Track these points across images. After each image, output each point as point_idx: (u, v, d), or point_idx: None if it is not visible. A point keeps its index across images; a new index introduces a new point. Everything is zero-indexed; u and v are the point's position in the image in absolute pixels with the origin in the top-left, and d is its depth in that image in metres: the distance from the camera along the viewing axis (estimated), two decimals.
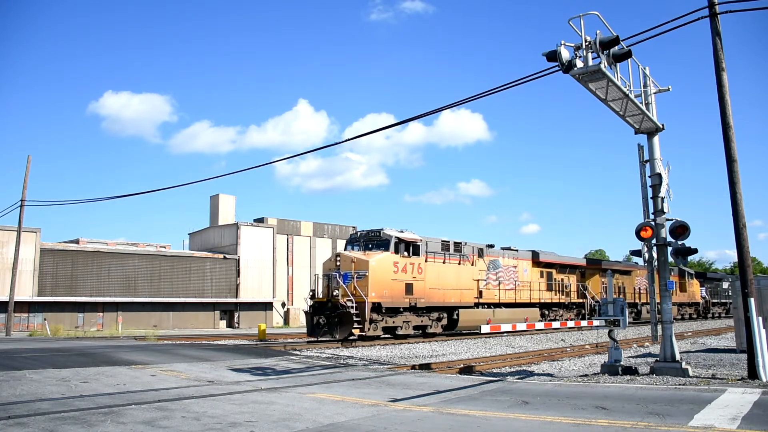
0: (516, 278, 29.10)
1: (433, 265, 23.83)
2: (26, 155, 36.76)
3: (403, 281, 22.19)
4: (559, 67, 9.30)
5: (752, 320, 10.54)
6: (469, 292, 25.61)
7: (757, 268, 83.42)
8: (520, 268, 29.59)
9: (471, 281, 25.86)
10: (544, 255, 31.41)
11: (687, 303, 44.91)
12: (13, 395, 8.21)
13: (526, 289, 29.51)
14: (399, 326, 22.27)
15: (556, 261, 32.29)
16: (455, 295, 24.76)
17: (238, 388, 9.45)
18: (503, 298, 27.71)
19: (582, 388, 9.75)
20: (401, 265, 22.23)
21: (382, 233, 22.26)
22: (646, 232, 11.62)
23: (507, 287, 28.22)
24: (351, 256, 21.52)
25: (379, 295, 21.09)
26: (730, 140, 11.00)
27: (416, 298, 22.61)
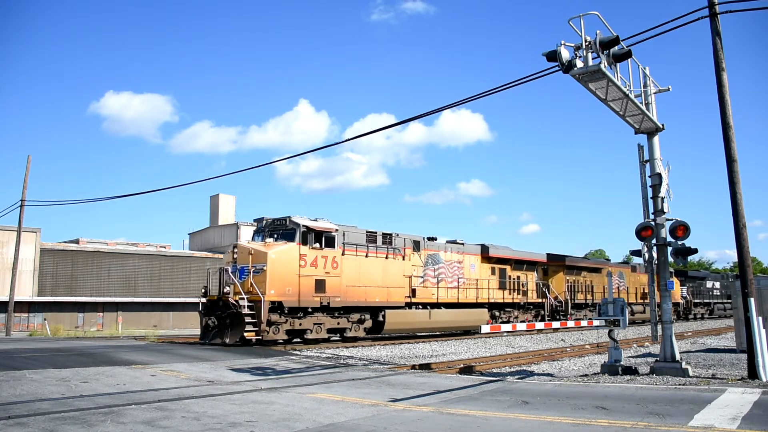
0: (461, 275, 25.93)
1: (353, 259, 20.83)
2: (26, 155, 36.77)
3: (313, 277, 19.32)
4: (559, 67, 9.30)
5: (752, 320, 10.54)
6: (398, 290, 22.41)
7: (757, 268, 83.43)
8: (466, 264, 26.43)
9: (401, 278, 22.62)
10: (496, 249, 28.43)
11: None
12: (13, 395, 8.21)
13: (472, 287, 26.40)
14: (309, 329, 19.60)
15: (510, 256, 29.13)
16: (381, 294, 21.64)
17: (238, 388, 9.45)
18: (444, 297, 24.66)
19: (582, 388, 9.75)
20: (310, 258, 19.34)
21: (288, 221, 19.47)
22: (646, 232, 11.63)
23: (449, 285, 25.09)
24: (249, 248, 18.90)
25: (279, 292, 18.43)
26: (730, 140, 11.00)
27: (329, 296, 19.81)
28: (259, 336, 17.87)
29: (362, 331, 21.33)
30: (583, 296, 34.24)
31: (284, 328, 18.71)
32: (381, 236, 22.18)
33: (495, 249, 28.27)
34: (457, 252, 26.18)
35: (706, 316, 47.28)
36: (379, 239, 22.04)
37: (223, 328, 18.04)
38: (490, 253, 27.81)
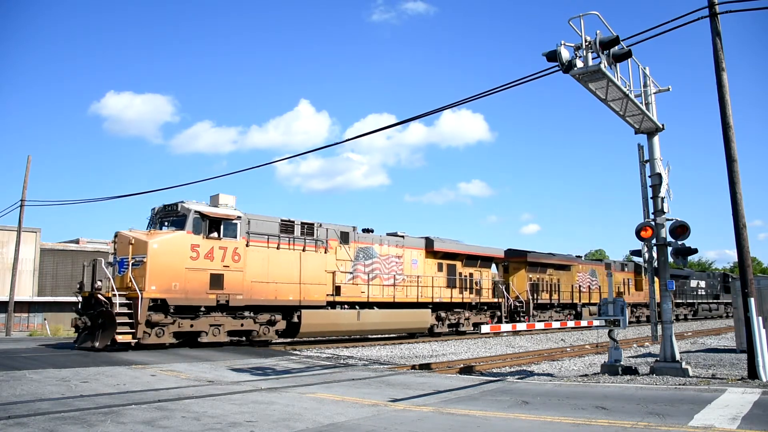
0: (400, 271, 22.83)
1: (260, 251, 18.11)
2: (26, 155, 36.78)
3: (207, 271, 16.66)
4: (559, 67, 9.30)
5: (752, 320, 10.54)
6: (318, 287, 19.51)
7: (757, 268, 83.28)
8: (406, 259, 23.32)
9: (323, 274, 19.70)
10: (442, 243, 25.19)
11: (643, 303, 38.93)
12: (13, 395, 8.21)
13: (413, 284, 23.26)
14: (203, 331, 16.78)
15: (460, 251, 26.00)
16: (296, 291, 18.86)
17: (238, 388, 9.46)
18: (378, 296, 21.64)
19: (582, 388, 9.75)
20: (205, 249, 16.67)
21: (180, 206, 16.84)
22: (646, 232, 11.63)
23: (386, 282, 22.06)
24: (129, 237, 16.17)
25: (163, 288, 15.77)
26: (730, 140, 11.00)
27: (229, 293, 17.16)
28: (137, 339, 15.37)
29: (273, 334, 18.72)
30: (548, 296, 31.40)
31: (171, 330, 16.13)
32: (300, 226, 19.45)
33: (441, 243, 25.17)
34: (395, 245, 23.05)
35: (690, 317, 44.25)
36: (296, 229, 19.30)
37: (95, 330, 15.50)
38: (435, 247, 24.57)
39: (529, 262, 30.61)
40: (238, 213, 17.73)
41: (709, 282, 49.83)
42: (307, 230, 19.64)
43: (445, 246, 25.29)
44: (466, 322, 25.83)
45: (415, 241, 24.25)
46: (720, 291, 49.76)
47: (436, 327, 24.31)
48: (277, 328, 18.75)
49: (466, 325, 25.78)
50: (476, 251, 26.96)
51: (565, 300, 32.49)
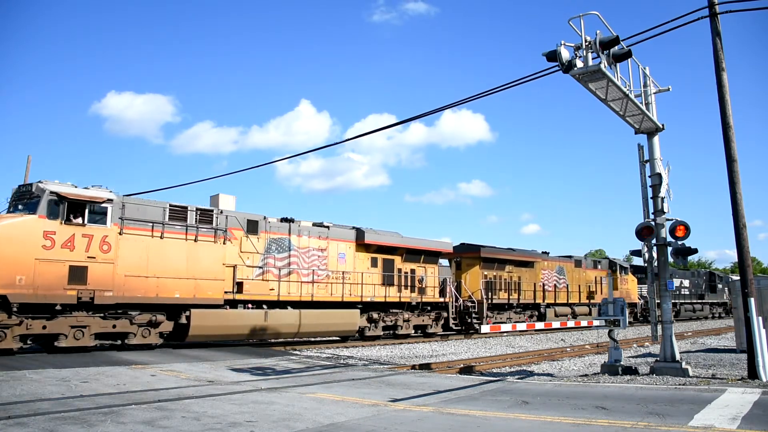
0: (324, 266, 20.02)
1: (137, 240, 15.41)
2: (27, 155, 36.69)
3: (66, 262, 14.08)
4: (559, 67, 9.31)
5: (752, 320, 10.54)
6: (214, 283, 16.73)
7: (757, 268, 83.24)
8: (332, 253, 20.51)
9: (220, 268, 16.93)
10: (376, 235, 22.00)
11: None
12: (13, 395, 8.21)
13: (339, 281, 20.36)
14: (63, 333, 14.18)
15: (398, 244, 22.76)
16: (185, 288, 16.05)
17: (238, 388, 9.46)
18: (295, 293, 18.95)
19: (582, 388, 9.75)
20: (62, 237, 14.06)
21: (34, 186, 14.41)
22: (646, 232, 11.64)
23: (304, 279, 19.31)
24: None
25: (5, 282, 13.23)
26: (730, 140, 11.01)
27: (94, 289, 14.51)
28: None
29: (156, 337, 15.94)
30: (507, 295, 28.13)
31: (16, 332, 13.53)
32: (195, 213, 16.74)
33: (374, 235, 22.09)
34: (318, 237, 20.23)
35: None
36: (190, 216, 16.58)
37: None
38: (367, 239, 21.54)
39: (483, 258, 27.28)
40: (107, 195, 15.05)
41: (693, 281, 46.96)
42: (204, 217, 16.90)
43: (379, 238, 22.20)
44: (405, 324, 22.68)
45: (342, 232, 21.22)
46: (705, 290, 47.13)
47: (368, 330, 21.38)
48: (161, 330, 16.02)
49: (405, 327, 22.66)
50: (418, 245, 23.65)
51: (527, 300, 29.28)
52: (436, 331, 24.20)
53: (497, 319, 27.27)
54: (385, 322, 22.12)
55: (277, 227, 19.04)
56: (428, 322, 23.91)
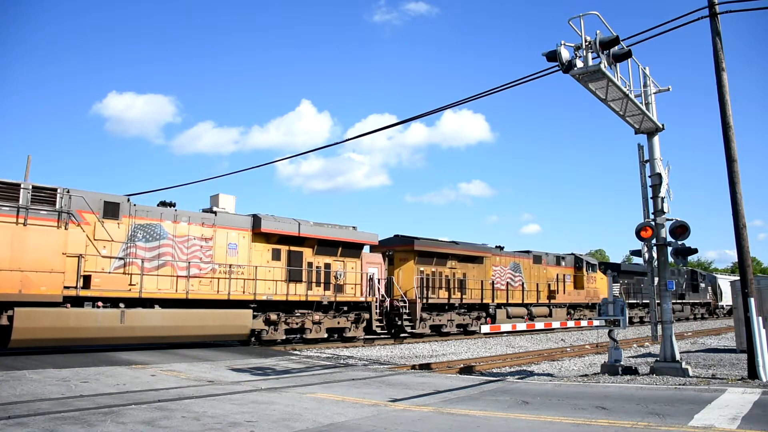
0: (208, 258, 17.22)
1: None
2: (27, 155, 36.69)
3: None
4: (559, 67, 9.31)
5: (752, 320, 10.55)
6: (49, 276, 13.81)
7: (757, 268, 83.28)
8: (220, 242, 17.55)
9: (59, 258, 14.02)
10: (276, 223, 18.76)
11: (583, 304, 32.68)
12: (13, 395, 8.21)
13: (227, 276, 17.41)
14: None
15: (308, 234, 19.48)
16: (7, 282, 13.24)
17: (238, 388, 9.46)
18: (167, 289, 16.09)
19: (582, 388, 9.75)
20: None
21: None
22: (646, 232, 11.65)
23: (180, 272, 16.46)
24: None
25: None
26: (730, 140, 11.01)
27: None
28: None
29: None
30: (448, 294, 24.90)
31: None
32: (30, 191, 13.99)
33: (274, 222, 18.74)
34: (201, 224, 17.31)
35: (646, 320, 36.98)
36: (23, 196, 13.85)
37: None
38: (264, 228, 18.28)
39: (418, 252, 23.89)
40: None
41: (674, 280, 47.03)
42: (41, 197, 14.14)
43: (280, 227, 18.88)
44: (315, 327, 19.59)
45: (234, 219, 18.22)
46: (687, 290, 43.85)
47: (266, 333, 18.27)
48: None
49: (315, 330, 19.58)
50: (333, 235, 20.34)
51: (474, 299, 25.91)
52: (356, 335, 21.01)
53: (435, 321, 24.23)
54: (289, 324, 18.87)
55: (146, 212, 16.14)
56: (346, 324, 20.62)
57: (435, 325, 24.33)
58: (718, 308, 49.23)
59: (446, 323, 24.66)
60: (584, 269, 32.98)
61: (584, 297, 32.71)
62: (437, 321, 24.34)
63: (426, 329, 23.66)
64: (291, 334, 19.34)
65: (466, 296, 25.65)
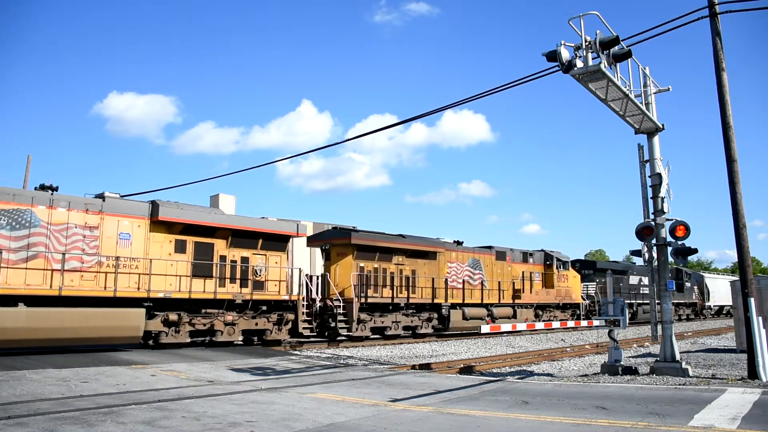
0: (93, 249, 14.92)
1: None
2: (27, 155, 36.64)
3: None
4: (559, 68, 9.31)
5: (752, 320, 10.54)
6: None
7: (757, 268, 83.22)
8: (109, 232, 15.25)
9: None
10: (179, 210, 16.35)
11: (553, 304, 29.96)
12: (13, 395, 8.21)
13: (112, 270, 15.01)
14: None
15: (219, 224, 17.27)
16: None
17: (238, 388, 9.46)
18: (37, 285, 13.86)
19: (582, 388, 9.75)
20: None
21: None
22: (646, 232, 11.64)
23: (55, 266, 14.19)
24: None
25: None
26: (730, 140, 11.01)
27: None
28: None
29: None
30: (392, 293, 22.17)
31: None
32: None
33: (176, 210, 16.33)
34: (84, 210, 14.99)
35: None
36: None
37: None
38: (163, 216, 15.90)
39: (357, 246, 21.22)
40: None
41: None
42: None
43: (183, 215, 16.40)
44: (229, 329, 17.24)
45: (128, 206, 15.97)
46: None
47: (165, 335, 15.88)
48: None
49: (229, 333, 17.22)
50: (252, 226, 18.10)
51: (425, 298, 23.29)
52: (279, 338, 18.53)
53: (377, 323, 21.53)
54: (194, 325, 16.46)
55: (11, 195, 13.98)
56: (266, 325, 18.21)
57: (377, 327, 21.83)
58: (705, 309, 46.96)
59: (391, 325, 22.11)
60: (554, 267, 30.19)
61: (554, 296, 30.00)
62: (380, 323, 21.74)
63: (366, 332, 21.22)
64: (198, 336, 16.93)
65: (415, 295, 23.05)
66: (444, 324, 24.09)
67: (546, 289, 29.82)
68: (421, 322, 23.47)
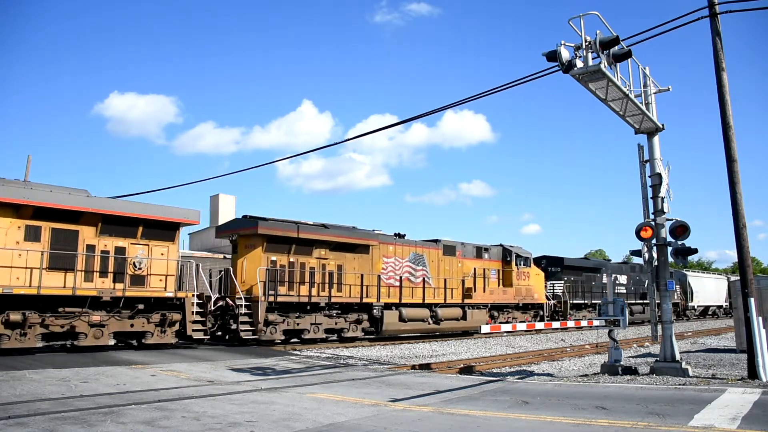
0: None
1: None
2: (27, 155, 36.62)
3: None
4: (559, 68, 9.32)
5: (752, 320, 10.55)
6: None
7: (757, 268, 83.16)
8: None
9: None
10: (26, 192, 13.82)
11: (512, 305, 27.42)
12: (13, 395, 8.21)
13: None
14: None
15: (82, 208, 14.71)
16: None
17: (238, 388, 9.46)
18: None
19: (582, 388, 9.76)
20: None
21: None
22: (646, 232, 11.65)
23: None
24: None
25: None
26: (730, 140, 11.01)
27: None
28: None
29: None
30: (309, 290, 19.50)
31: None
32: None
33: (22, 190, 13.88)
34: None
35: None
36: None
37: None
38: (5, 197, 13.43)
39: (266, 237, 18.59)
40: None
41: (633, 277, 38.02)
42: None
43: (34, 196, 13.89)
44: (95, 330, 14.72)
45: None
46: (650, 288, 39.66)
47: (8, 339, 13.34)
48: None
49: (95, 335, 14.71)
50: (129, 211, 15.58)
51: (353, 297, 20.54)
52: (164, 341, 15.93)
53: (291, 325, 18.88)
54: (48, 327, 13.94)
55: None
56: (146, 327, 15.63)
57: (292, 330, 19.21)
58: (688, 309, 43.69)
59: (309, 328, 19.40)
60: (513, 263, 27.51)
61: (513, 296, 27.31)
62: (295, 325, 19.05)
63: (277, 335, 18.56)
64: (55, 340, 14.69)
65: (341, 294, 20.32)
66: (376, 326, 21.37)
67: (504, 288, 27.11)
68: (348, 325, 20.68)
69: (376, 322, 21.40)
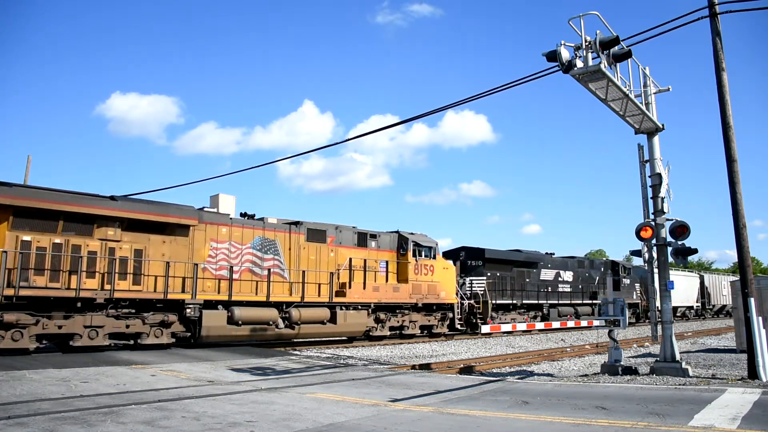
0: None
1: None
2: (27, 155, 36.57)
3: None
4: (559, 68, 9.31)
5: (752, 320, 10.54)
6: None
7: (757, 268, 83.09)
8: None
9: None
10: None
11: (405, 305, 22.12)
12: (13, 395, 8.21)
13: None
14: None
15: None
16: None
17: (238, 388, 9.46)
18: None
19: (582, 388, 9.75)
20: None
21: None
22: (646, 232, 11.65)
23: None
24: None
25: None
26: (730, 140, 11.01)
27: None
28: None
29: None
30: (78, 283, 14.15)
31: None
32: None
33: None
34: None
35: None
36: None
37: None
38: None
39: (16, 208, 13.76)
40: None
41: (580, 273, 32.83)
42: None
43: None
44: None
45: None
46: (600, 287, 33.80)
47: None
48: None
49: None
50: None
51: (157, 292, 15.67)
52: None
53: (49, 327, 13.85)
54: None
55: None
56: None
57: (53, 335, 14.16)
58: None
59: (82, 332, 14.37)
60: (410, 254, 22.19)
61: (408, 294, 21.92)
62: (57, 327, 14.02)
63: (24, 342, 13.38)
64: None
65: (138, 286, 15.44)
66: (193, 330, 16.44)
67: (396, 284, 21.78)
68: (149, 328, 15.59)
69: (191, 324, 16.47)
